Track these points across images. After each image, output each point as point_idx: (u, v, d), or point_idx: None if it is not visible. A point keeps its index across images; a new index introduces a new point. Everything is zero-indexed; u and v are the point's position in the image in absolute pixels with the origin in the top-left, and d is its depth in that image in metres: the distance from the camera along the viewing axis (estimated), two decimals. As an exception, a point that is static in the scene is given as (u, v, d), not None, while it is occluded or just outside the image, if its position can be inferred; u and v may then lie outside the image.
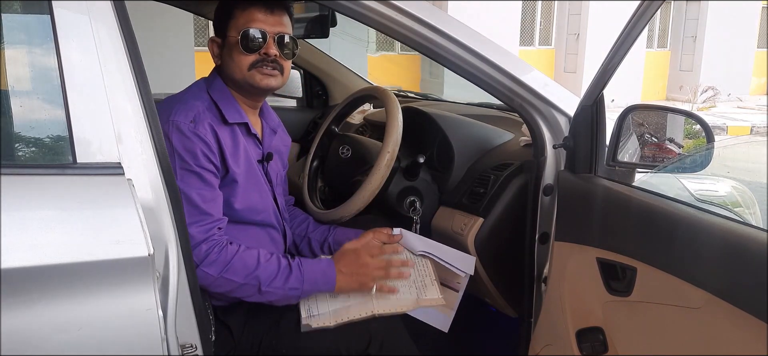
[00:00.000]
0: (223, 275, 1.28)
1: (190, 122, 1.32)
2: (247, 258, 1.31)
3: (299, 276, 1.34)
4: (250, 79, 1.41)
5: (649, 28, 5.16)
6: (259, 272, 1.31)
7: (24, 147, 0.96)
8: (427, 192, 1.86)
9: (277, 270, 1.33)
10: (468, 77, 1.43)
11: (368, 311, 1.35)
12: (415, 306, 1.39)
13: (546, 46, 13.36)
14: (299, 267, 1.35)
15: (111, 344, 0.90)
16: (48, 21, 0.92)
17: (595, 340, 1.30)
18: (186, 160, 1.31)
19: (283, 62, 1.43)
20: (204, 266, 1.27)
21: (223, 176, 1.39)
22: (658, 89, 13.79)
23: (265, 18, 1.40)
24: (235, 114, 1.42)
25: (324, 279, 1.37)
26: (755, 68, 14.05)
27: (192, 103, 1.36)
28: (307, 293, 1.36)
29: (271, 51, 1.39)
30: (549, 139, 1.48)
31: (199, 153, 1.32)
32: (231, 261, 1.29)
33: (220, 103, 1.41)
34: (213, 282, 1.29)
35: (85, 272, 0.87)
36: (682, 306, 1.06)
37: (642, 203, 1.20)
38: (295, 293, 1.34)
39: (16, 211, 0.85)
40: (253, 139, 1.48)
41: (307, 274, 1.35)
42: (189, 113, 1.34)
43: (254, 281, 1.30)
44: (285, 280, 1.33)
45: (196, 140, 1.32)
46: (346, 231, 1.64)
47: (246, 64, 1.40)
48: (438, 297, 1.42)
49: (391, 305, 1.38)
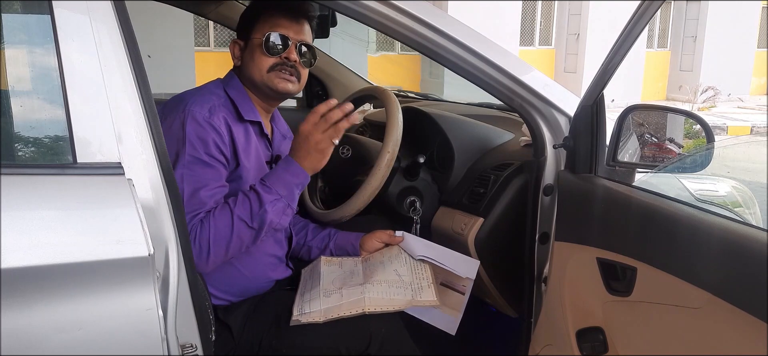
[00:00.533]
0: (212, 246, 1.29)
1: (207, 112, 1.35)
2: (222, 215, 1.31)
3: (267, 189, 1.34)
4: (268, 81, 1.44)
5: (649, 28, 5.17)
6: (238, 215, 1.31)
7: (24, 147, 0.96)
8: (427, 192, 1.86)
9: (249, 201, 1.33)
10: (468, 77, 1.43)
11: (359, 308, 1.35)
12: (407, 305, 1.39)
13: (546, 46, 13.36)
14: (263, 183, 1.35)
15: (111, 344, 0.90)
16: (48, 21, 0.92)
17: (595, 340, 1.30)
18: (196, 148, 1.32)
19: (301, 69, 1.48)
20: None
21: (234, 169, 1.40)
22: (658, 89, 13.79)
23: (290, 25, 1.45)
24: (250, 112, 1.46)
25: (289, 173, 1.36)
26: (755, 68, 14.05)
27: (208, 96, 1.40)
28: (290, 196, 1.36)
29: (292, 56, 1.44)
30: (549, 138, 1.48)
31: (211, 142, 1.34)
32: (211, 230, 1.29)
33: (237, 101, 1.44)
34: (205, 262, 1.29)
35: (85, 272, 0.87)
36: (682, 306, 1.06)
37: (642, 203, 1.20)
38: (279, 203, 1.34)
39: (16, 211, 0.85)
40: (265, 140, 1.52)
41: (274, 183, 1.35)
42: (205, 104, 1.37)
43: (240, 225, 1.31)
44: (260, 203, 1.32)
45: (210, 129, 1.34)
46: (346, 235, 1.64)
47: (266, 66, 1.44)
48: (433, 299, 1.41)
49: (383, 304, 1.37)
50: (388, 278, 1.45)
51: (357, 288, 1.41)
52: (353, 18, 1.33)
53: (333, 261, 1.56)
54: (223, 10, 2.31)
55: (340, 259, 1.57)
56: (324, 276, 1.48)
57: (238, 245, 1.33)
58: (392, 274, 1.47)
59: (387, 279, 1.45)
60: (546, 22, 13.31)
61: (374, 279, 1.44)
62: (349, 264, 1.54)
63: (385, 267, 1.49)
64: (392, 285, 1.43)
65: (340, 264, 1.55)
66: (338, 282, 1.45)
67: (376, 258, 1.55)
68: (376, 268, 1.49)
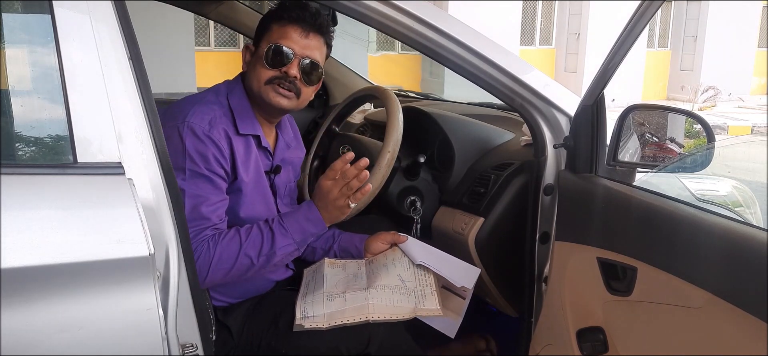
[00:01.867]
0: (212, 270, 1.29)
1: (207, 125, 1.33)
2: (230, 246, 1.31)
3: (284, 232, 1.34)
4: (263, 92, 1.41)
5: (649, 27, 5.17)
6: (245, 251, 1.31)
7: (25, 146, 0.96)
8: (427, 192, 1.86)
9: (261, 239, 1.33)
10: (468, 77, 1.43)
11: (363, 315, 1.34)
12: (411, 315, 1.37)
13: (546, 46, 13.36)
14: (281, 225, 1.35)
15: (111, 344, 0.90)
16: (48, 21, 0.92)
17: (595, 340, 1.30)
18: (197, 163, 1.31)
19: (303, 87, 1.42)
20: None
21: (232, 182, 1.39)
22: (659, 89, 13.79)
23: (298, 39, 1.40)
24: (248, 125, 1.42)
25: (309, 222, 1.37)
26: (755, 68, 14.04)
27: (210, 107, 1.37)
28: (303, 242, 1.37)
29: (292, 71, 1.39)
30: (549, 138, 1.48)
31: (211, 157, 1.32)
32: (215, 256, 1.29)
33: (236, 112, 1.41)
34: (204, 278, 1.29)
35: (85, 272, 0.87)
36: (683, 305, 1.06)
37: (643, 203, 1.20)
38: (290, 248, 1.35)
39: (17, 211, 0.85)
40: (264, 151, 1.49)
41: (292, 227, 1.35)
42: (205, 116, 1.34)
43: (245, 260, 1.31)
44: (272, 244, 1.33)
45: (210, 144, 1.32)
46: (350, 237, 1.63)
47: (264, 78, 1.40)
48: (436, 307, 1.39)
49: (387, 311, 1.36)
50: (391, 283, 1.44)
51: (361, 293, 1.40)
52: (354, 17, 1.33)
53: (337, 263, 1.55)
54: (224, 9, 2.31)
55: (344, 262, 1.56)
56: (327, 278, 1.47)
57: (237, 274, 1.33)
58: (396, 279, 1.46)
59: (390, 284, 1.44)
60: (546, 21, 13.30)
61: (378, 284, 1.43)
62: (353, 267, 1.53)
63: (389, 271, 1.48)
64: (396, 291, 1.42)
65: (344, 266, 1.54)
66: (342, 286, 1.44)
67: (380, 261, 1.54)
68: (380, 272, 1.48)
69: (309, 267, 1.56)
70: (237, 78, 1.49)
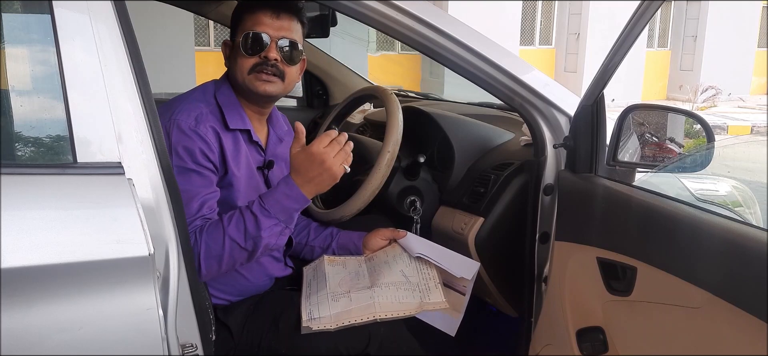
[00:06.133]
0: (203, 260, 1.27)
1: (192, 121, 1.33)
2: (214, 233, 1.28)
3: (266, 213, 1.29)
4: (248, 83, 1.40)
5: (649, 27, 5.17)
6: (229, 235, 1.28)
7: (24, 146, 0.96)
8: (427, 192, 1.86)
9: (244, 222, 1.29)
10: (468, 77, 1.43)
11: (370, 315, 1.34)
12: (418, 310, 1.38)
13: (546, 46, 13.36)
14: (261, 205, 1.30)
15: (111, 344, 0.90)
16: (48, 21, 0.92)
17: (595, 340, 1.30)
18: (183, 158, 1.31)
19: (285, 68, 1.41)
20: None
21: (223, 176, 1.39)
22: (659, 89, 13.79)
23: (271, 22, 1.39)
24: (237, 120, 1.42)
25: (291, 200, 1.31)
26: (755, 67, 14.05)
27: (196, 104, 1.37)
28: (290, 220, 1.32)
29: (271, 55, 1.38)
30: (549, 138, 1.48)
31: (197, 151, 1.32)
32: (202, 246, 1.27)
33: (225, 109, 1.41)
34: (199, 270, 1.27)
35: (85, 272, 0.87)
36: (683, 305, 1.06)
37: (642, 203, 1.20)
38: (277, 228, 1.30)
39: (16, 211, 0.85)
40: (256, 146, 1.48)
41: (273, 207, 1.30)
42: (192, 113, 1.34)
43: (232, 245, 1.28)
44: (256, 226, 1.28)
45: (196, 138, 1.32)
46: (349, 235, 1.63)
47: (246, 68, 1.39)
48: (442, 300, 1.40)
49: (394, 309, 1.36)
50: (395, 280, 1.44)
51: (365, 292, 1.40)
52: (353, 17, 1.33)
53: (336, 260, 1.55)
54: (224, 9, 2.31)
55: (344, 259, 1.57)
56: (329, 277, 1.47)
57: (231, 263, 1.30)
58: (398, 275, 1.46)
59: (394, 281, 1.44)
60: (546, 21, 13.31)
61: (381, 282, 1.43)
62: (353, 264, 1.54)
63: (391, 267, 1.49)
64: (400, 287, 1.42)
65: (344, 264, 1.54)
66: (345, 285, 1.44)
67: (380, 257, 1.55)
68: (382, 269, 1.48)
69: (308, 266, 1.56)
70: (223, 76, 1.49)
